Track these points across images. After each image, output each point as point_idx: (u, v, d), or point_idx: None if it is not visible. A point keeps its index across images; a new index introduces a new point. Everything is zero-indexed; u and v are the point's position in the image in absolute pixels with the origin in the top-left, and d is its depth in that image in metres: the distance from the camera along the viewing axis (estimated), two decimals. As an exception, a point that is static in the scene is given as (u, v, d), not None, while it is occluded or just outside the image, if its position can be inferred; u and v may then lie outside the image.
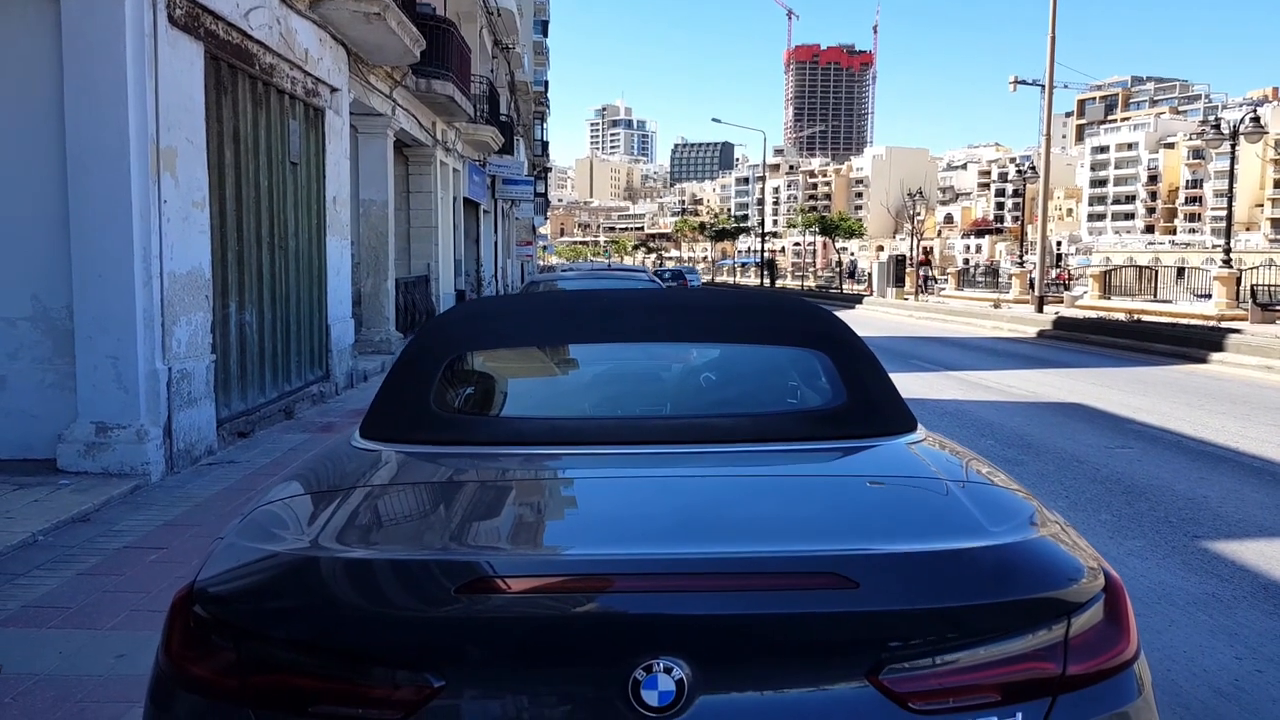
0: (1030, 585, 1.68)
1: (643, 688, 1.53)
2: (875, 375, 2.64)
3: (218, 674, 1.64)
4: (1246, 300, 23.10)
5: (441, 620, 1.61)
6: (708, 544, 1.82)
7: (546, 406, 2.89)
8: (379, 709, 1.57)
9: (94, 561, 4.92)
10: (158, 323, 6.75)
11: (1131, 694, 1.70)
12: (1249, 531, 5.79)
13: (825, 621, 1.60)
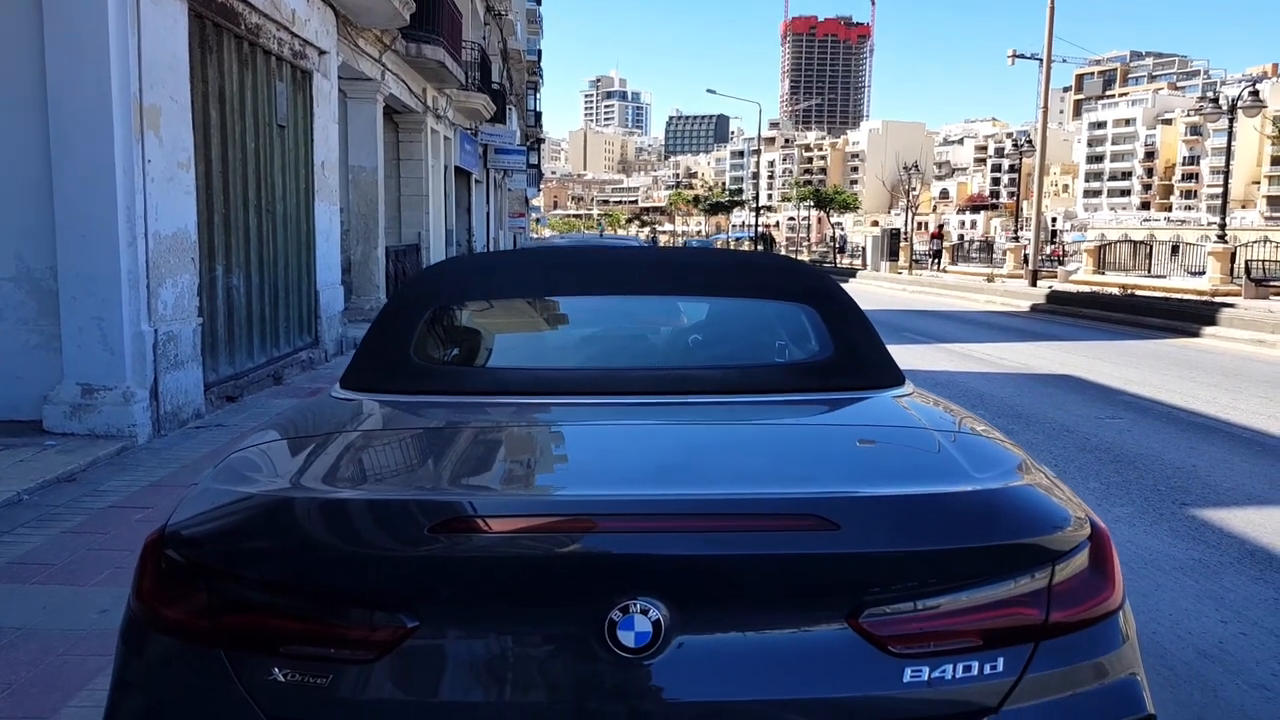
0: (1014, 531, 1.66)
1: (619, 629, 1.50)
2: (863, 330, 2.61)
3: (189, 615, 1.61)
4: (1240, 276, 23.09)
5: (415, 560, 1.58)
6: (687, 487, 1.79)
7: (530, 358, 2.86)
8: (352, 649, 1.54)
9: (79, 520, 4.90)
10: (143, 284, 6.68)
11: (1115, 642, 1.68)
12: (1237, 500, 5.80)
13: (805, 563, 1.57)
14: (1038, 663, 1.60)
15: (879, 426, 2.20)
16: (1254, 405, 9.15)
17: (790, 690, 1.54)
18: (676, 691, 1.52)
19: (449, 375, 2.55)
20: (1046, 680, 1.60)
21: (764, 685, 1.53)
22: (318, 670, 1.54)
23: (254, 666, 1.56)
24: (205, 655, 1.58)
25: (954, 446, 2.03)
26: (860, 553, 1.58)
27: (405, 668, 1.53)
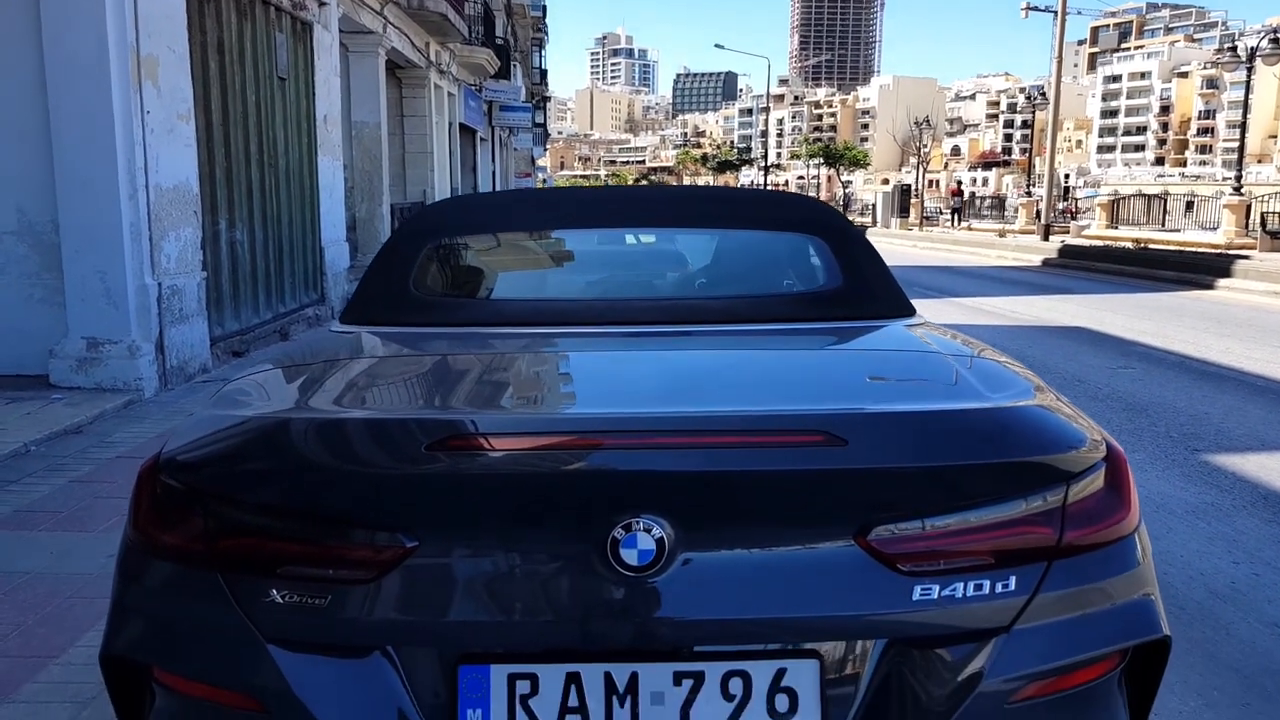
0: (1027, 448, 1.61)
1: (622, 547, 1.47)
2: (872, 261, 2.56)
3: (185, 540, 1.59)
4: (1256, 229, 22.80)
5: (412, 479, 1.54)
6: (693, 405, 1.75)
7: (533, 290, 2.81)
8: (350, 569, 1.51)
9: (86, 470, 4.90)
10: (145, 237, 6.63)
11: (1130, 563, 1.64)
12: (1250, 446, 5.75)
13: (811, 479, 1.53)
14: (1050, 582, 1.56)
15: (890, 351, 2.15)
16: (1268, 354, 9.05)
17: (796, 608, 1.50)
18: (680, 609, 1.49)
19: (450, 307, 2.51)
20: (1060, 599, 1.56)
21: (769, 603, 1.50)
22: (316, 591, 1.51)
23: (251, 589, 1.53)
24: (202, 579, 1.56)
25: (967, 370, 1.98)
26: (869, 468, 1.54)
27: (404, 588, 1.50)
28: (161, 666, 1.59)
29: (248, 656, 1.52)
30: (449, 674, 1.54)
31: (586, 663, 1.54)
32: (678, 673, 1.54)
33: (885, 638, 1.55)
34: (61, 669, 2.83)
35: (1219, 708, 2.82)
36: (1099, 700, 1.61)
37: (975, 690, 1.52)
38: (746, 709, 1.54)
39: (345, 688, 1.53)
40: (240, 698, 1.53)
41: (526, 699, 1.54)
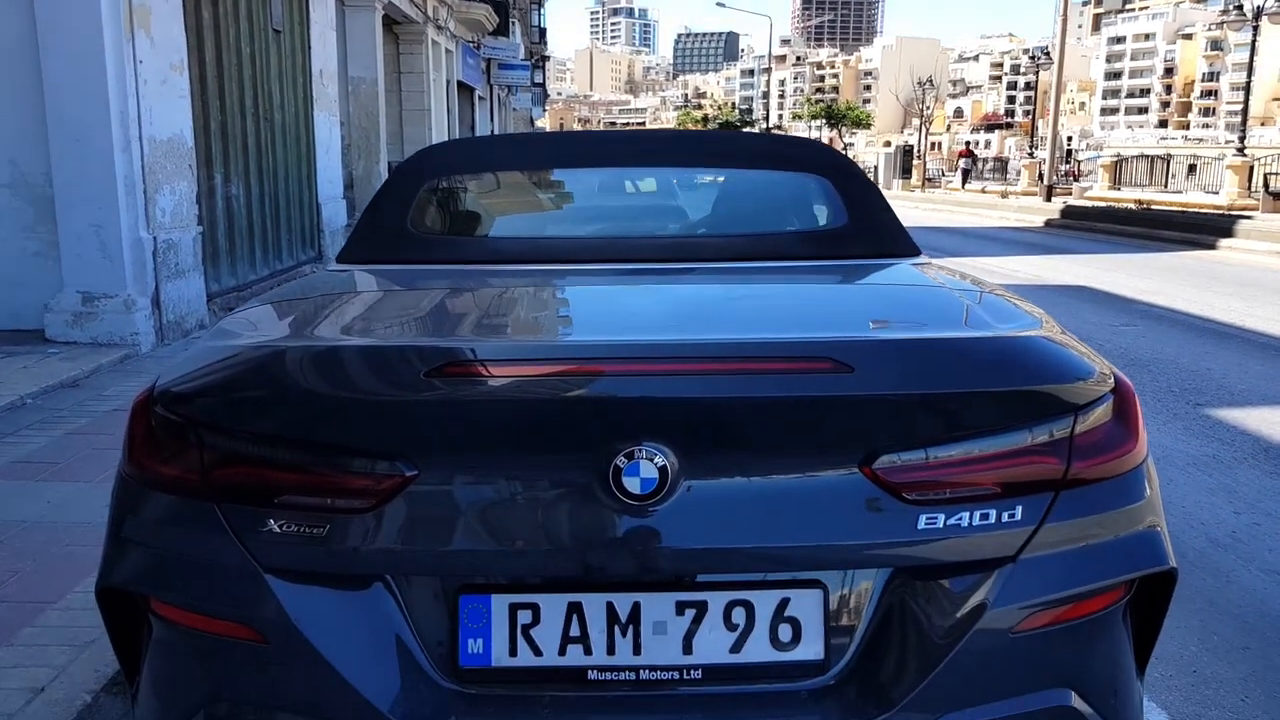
0: (1034, 377, 1.58)
1: (624, 475, 1.44)
2: (878, 201, 2.52)
3: (180, 472, 1.56)
4: (1258, 190, 22.64)
5: (411, 406, 1.51)
6: (697, 333, 1.71)
7: (534, 228, 2.77)
8: (347, 498, 1.48)
9: (83, 422, 4.88)
10: (139, 190, 6.56)
11: (1138, 494, 1.62)
12: (1251, 400, 5.73)
13: (817, 406, 1.50)
14: (1057, 512, 1.53)
15: (897, 285, 2.12)
16: (1270, 312, 9.02)
17: (800, 537, 1.48)
18: (683, 538, 1.47)
19: (449, 245, 2.47)
20: (1067, 530, 1.54)
21: (773, 532, 1.48)
22: (314, 521, 1.49)
23: (249, 519, 1.50)
24: (199, 510, 1.53)
25: (975, 304, 1.94)
26: (875, 396, 1.51)
27: (403, 517, 1.47)
28: (159, 598, 1.57)
29: (246, 587, 1.50)
30: (450, 604, 1.52)
31: (588, 592, 1.52)
32: (680, 602, 1.52)
33: (890, 567, 1.53)
34: (60, 614, 2.82)
35: (1218, 651, 2.82)
36: (1104, 631, 1.60)
37: (980, 620, 1.50)
38: (749, 639, 1.52)
39: (345, 618, 1.51)
40: (239, 628, 1.52)
41: (528, 629, 1.52)
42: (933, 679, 1.48)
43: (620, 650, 1.52)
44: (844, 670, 1.53)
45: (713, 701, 1.51)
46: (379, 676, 1.49)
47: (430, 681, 1.51)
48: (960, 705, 1.50)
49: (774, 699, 1.51)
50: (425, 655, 1.52)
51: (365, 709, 1.47)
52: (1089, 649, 1.58)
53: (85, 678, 2.44)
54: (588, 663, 1.52)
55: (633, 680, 1.52)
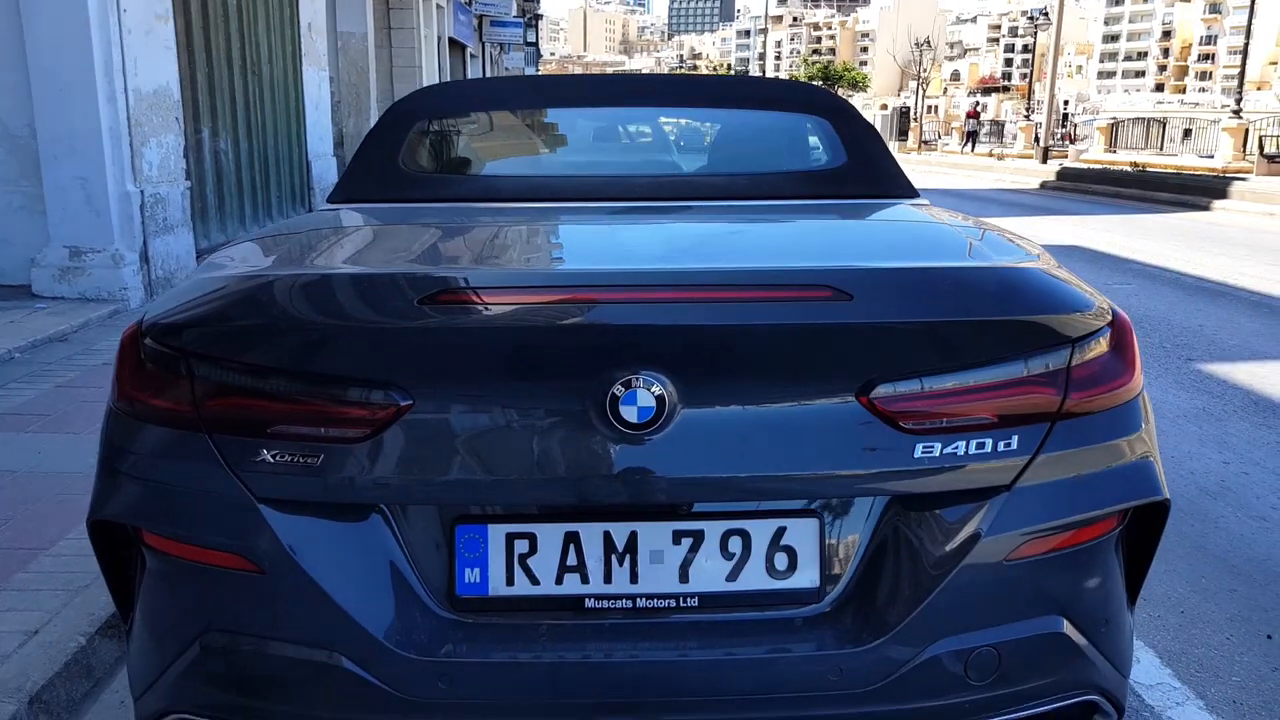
0: (1032, 307, 1.57)
1: (621, 404, 1.43)
2: (876, 143, 2.50)
3: (171, 404, 1.54)
4: (1254, 153, 22.59)
5: (404, 334, 1.49)
6: (696, 262, 1.70)
7: (529, 167, 2.73)
8: (341, 428, 1.47)
9: (72, 376, 4.85)
10: (125, 142, 6.47)
11: (1133, 426, 1.62)
12: (1242, 355, 5.75)
13: (815, 334, 1.49)
14: (1053, 442, 1.53)
15: (896, 221, 2.10)
16: (1262, 271, 9.03)
17: (797, 466, 1.48)
18: (680, 467, 1.46)
19: (442, 184, 2.44)
20: (1062, 460, 1.54)
21: (770, 461, 1.47)
22: (308, 451, 1.47)
23: (242, 450, 1.49)
24: (191, 442, 1.51)
25: (975, 239, 1.93)
26: (874, 323, 1.49)
27: (398, 447, 1.46)
28: (151, 529, 1.56)
29: (240, 518, 1.49)
30: (446, 534, 1.52)
31: (585, 522, 1.52)
32: (677, 531, 1.52)
33: (886, 496, 1.53)
34: (52, 560, 2.82)
35: (1207, 593, 2.85)
36: (1097, 561, 1.60)
37: (974, 548, 1.50)
38: (745, 567, 1.53)
39: (341, 548, 1.50)
40: (234, 559, 1.51)
41: (525, 558, 1.52)
42: (926, 606, 1.49)
43: (617, 579, 1.52)
44: (839, 598, 1.53)
45: (709, 629, 1.52)
46: (376, 606, 1.49)
47: (427, 610, 1.51)
48: (954, 631, 1.51)
49: (769, 626, 1.52)
50: (422, 585, 1.52)
51: (362, 637, 1.47)
52: (1082, 578, 1.59)
53: (79, 621, 2.44)
54: (585, 591, 1.52)
55: (629, 609, 1.52)
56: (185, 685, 1.56)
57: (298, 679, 1.50)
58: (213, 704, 1.56)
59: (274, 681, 1.52)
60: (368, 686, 1.47)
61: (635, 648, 1.49)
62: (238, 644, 1.52)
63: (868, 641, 1.49)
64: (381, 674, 1.46)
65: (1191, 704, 2.29)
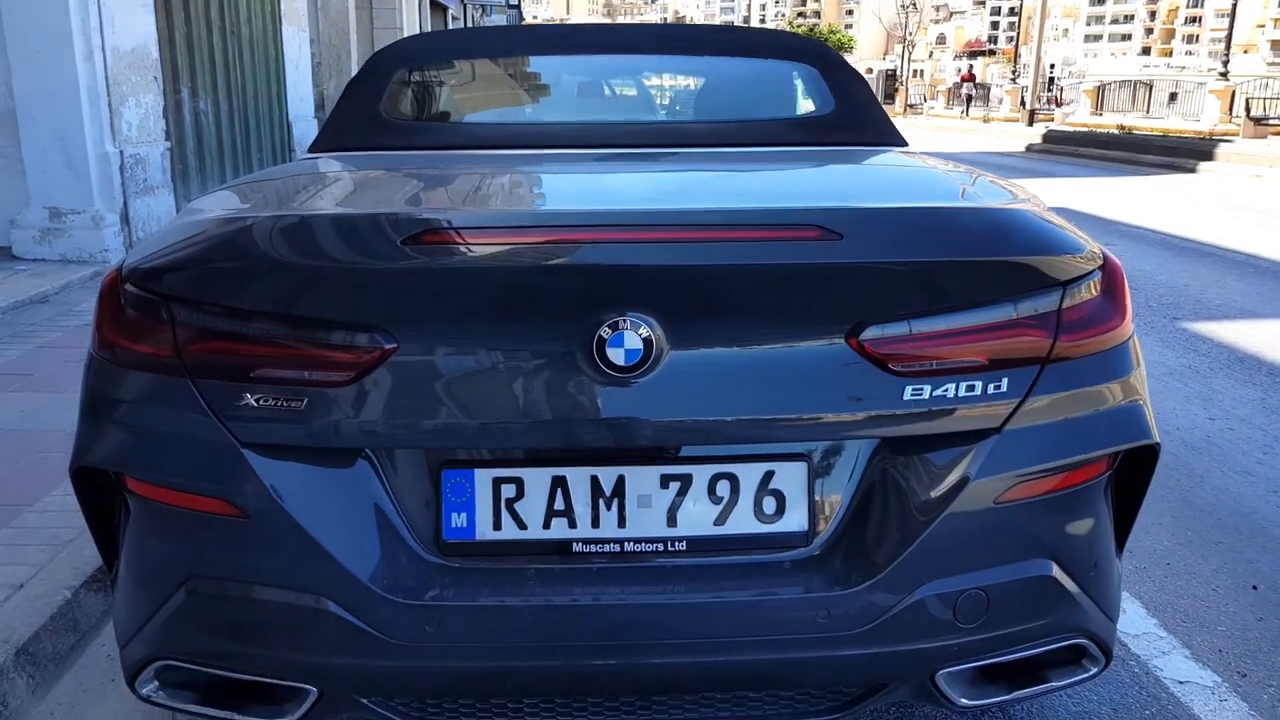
0: (1022, 248, 1.56)
1: (608, 346, 1.41)
2: (865, 91, 2.47)
3: (152, 349, 1.51)
4: (1240, 116, 22.57)
5: (388, 276, 1.47)
6: (683, 203, 1.68)
7: (512, 116, 2.69)
8: (325, 371, 1.45)
9: (54, 336, 4.80)
10: (104, 101, 6.36)
11: (1123, 370, 1.61)
12: (1229, 314, 5.78)
13: (805, 274, 1.47)
14: (1043, 385, 1.53)
15: (885, 166, 2.08)
16: (1248, 232, 9.05)
17: (785, 408, 1.47)
18: (667, 410, 1.45)
19: (424, 132, 2.40)
20: (1052, 403, 1.54)
21: (758, 403, 1.46)
22: (291, 395, 1.45)
23: (225, 394, 1.47)
24: (173, 387, 1.49)
25: (966, 183, 1.91)
26: (864, 263, 1.48)
27: (383, 390, 1.44)
28: (135, 475, 1.54)
29: (223, 463, 1.48)
30: (433, 478, 1.51)
31: (572, 466, 1.51)
32: (664, 475, 1.52)
33: (875, 439, 1.52)
34: (37, 516, 2.79)
35: (1192, 545, 2.87)
36: (1086, 505, 1.61)
37: (963, 491, 1.50)
38: (733, 511, 1.52)
39: (327, 493, 1.49)
40: (218, 504, 1.49)
41: (512, 503, 1.51)
42: (915, 549, 1.49)
43: (605, 523, 1.51)
44: (827, 541, 1.53)
45: (697, 573, 1.52)
46: (362, 550, 1.48)
47: (414, 555, 1.50)
48: (942, 574, 1.51)
49: (757, 570, 1.52)
50: (409, 529, 1.51)
51: (348, 582, 1.46)
52: (1071, 522, 1.60)
53: (64, 574, 2.42)
54: (572, 535, 1.52)
55: (617, 552, 1.52)
56: (170, 632, 1.55)
57: (283, 624, 1.49)
58: (198, 650, 1.55)
59: (259, 627, 1.51)
60: (354, 631, 1.46)
61: (623, 591, 1.49)
62: (223, 590, 1.51)
63: (856, 584, 1.49)
64: (368, 618, 1.46)
65: (1178, 653, 2.31)
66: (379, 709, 1.55)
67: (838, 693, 1.59)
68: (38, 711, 2.10)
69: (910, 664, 1.54)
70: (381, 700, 1.55)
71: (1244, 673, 2.24)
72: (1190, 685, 2.18)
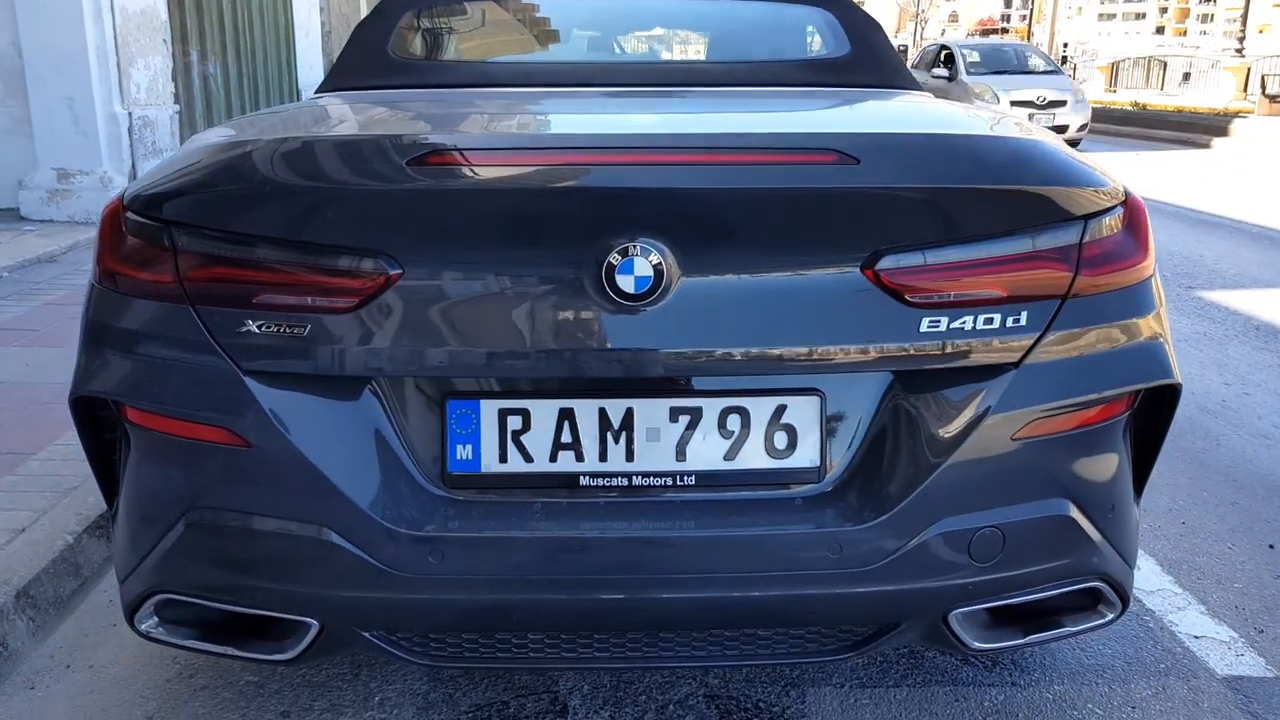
0: (1043, 177, 1.51)
1: (618, 273, 1.38)
2: (881, 36, 2.42)
3: (154, 276, 1.49)
4: (1255, 94, 22.28)
5: (394, 200, 1.43)
6: (697, 128, 1.63)
7: (523, 54, 2.65)
8: (329, 297, 1.42)
9: (61, 294, 4.78)
10: (112, 62, 6.31)
11: (1145, 307, 1.57)
12: (1243, 284, 5.72)
13: (820, 199, 1.43)
14: (1063, 320, 1.49)
15: (902, 104, 2.03)
16: (1263, 205, 8.95)
17: (799, 339, 1.43)
18: (678, 340, 1.42)
19: (435, 70, 2.36)
20: (1072, 338, 1.50)
21: (771, 334, 1.43)
22: (294, 321, 1.43)
23: (226, 321, 1.44)
24: (174, 314, 1.47)
25: (986, 118, 1.86)
26: (881, 188, 1.44)
27: (387, 318, 1.41)
28: (135, 404, 1.51)
29: (225, 391, 1.45)
30: (438, 410, 1.48)
31: (580, 398, 1.48)
32: (674, 408, 1.48)
33: (890, 372, 1.49)
34: (40, 464, 2.78)
35: (1208, 505, 2.83)
36: (1105, 445, 1.57)
37: (980, 426, 1.46)
38: (744, 445, 1.49)
39: (329, 422, 1.46)
40: (219, 432, 1.47)
41: (518, 435, 1.49)
42: (929, 484, 1.46)
43: (613, 457, 1.48)
44: (840, 477, 1.50)
45: (706, 508, 1.49)
46: (365, 481, 1.45)
47: (418, 487, 1.47)
48: (957, 511, 1.48)
49: (768, 505, 1.49)
50: (413, 461, 1.48)
51: (351, 513, 1.43)
52: (1089, 461, 1.56)
53: (67, 520, 2.41)
54: (579, 469, 1.49)
55: (625, 486, 1.49)
56: (170, 565, 1.53)
57: (284, 556, 1.47)
58: (198, 583, 1.53)
59: (260, 559, 1.48)
60: (357, 562, 1.44)
61: (630, 526, 1.46)
62: (223, 521, 1.48)
63: (869, 520, 1.46)
64: (371, 549, 1.43)
65: (1193, 609, 2.28)
66: (381, 644, 1.53)
67: (849, 632, 1.56)
68: (38, 654, 2.09)
69: (923, 603, 1.51)
70: (384, 635, 1.53)
71: (1261, 628, 2.21)
72: (1206, 640, 2.15)
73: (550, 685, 1.96)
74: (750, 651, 1.56)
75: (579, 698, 1.92)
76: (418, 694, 1.93)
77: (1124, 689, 1.97)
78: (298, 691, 1.94)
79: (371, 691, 1.94)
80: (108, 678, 2.00)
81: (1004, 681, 1.99)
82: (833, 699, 1.92)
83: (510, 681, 1.97)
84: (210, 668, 2.01)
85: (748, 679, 1.98)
